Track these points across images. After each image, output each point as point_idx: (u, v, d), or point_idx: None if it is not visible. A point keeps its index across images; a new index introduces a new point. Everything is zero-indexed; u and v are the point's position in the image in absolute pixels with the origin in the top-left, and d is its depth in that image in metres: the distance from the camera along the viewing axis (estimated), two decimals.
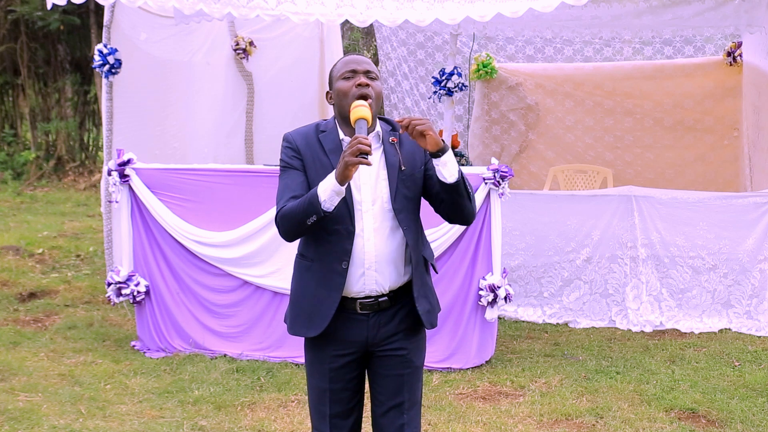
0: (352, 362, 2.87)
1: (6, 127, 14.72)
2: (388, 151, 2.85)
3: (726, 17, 6.81)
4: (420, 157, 2.87)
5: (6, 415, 4.48)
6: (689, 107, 8.41)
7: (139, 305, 5.66)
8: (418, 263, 2.86)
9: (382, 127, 2.88)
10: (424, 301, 2.88)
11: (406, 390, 2.88)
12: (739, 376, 5.17)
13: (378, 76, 2.87)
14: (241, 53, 8.26)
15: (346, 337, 2.84)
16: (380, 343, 2.86)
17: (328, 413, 2.90)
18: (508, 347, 5.82)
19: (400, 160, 2.79)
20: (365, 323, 2.83)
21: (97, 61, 6.23)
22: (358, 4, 5.48)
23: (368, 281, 2.79)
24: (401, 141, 2.85)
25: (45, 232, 9.58)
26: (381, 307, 2.82)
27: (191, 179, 5.60)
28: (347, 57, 2.89)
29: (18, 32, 13.80)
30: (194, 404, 4.69)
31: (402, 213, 2.81)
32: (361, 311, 2.82)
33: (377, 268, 2.79)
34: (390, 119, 2.93)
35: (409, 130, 2.69)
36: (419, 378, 2.94)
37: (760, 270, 6.20)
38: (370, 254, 2.78)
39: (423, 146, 2.73)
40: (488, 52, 8.79)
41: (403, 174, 2.81)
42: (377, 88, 2.83)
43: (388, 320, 2.85)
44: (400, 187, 2.81)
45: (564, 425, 4.43)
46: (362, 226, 2.78)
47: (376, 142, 2.84)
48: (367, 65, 2.84)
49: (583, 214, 6.39)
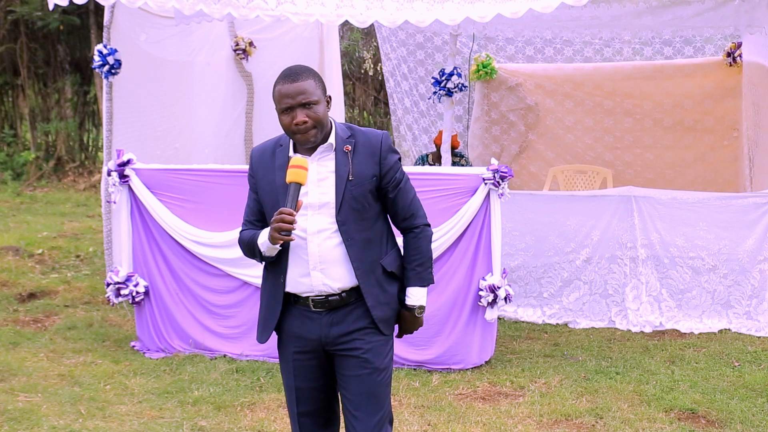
0: (312, 359, 2.91)
1: (6, 127, 14.71)
2: (340, 160, 2.84)
3: (726, 17, 6.81)
4: (371, 170, 2.85)
5: (6, 415, 4.48)
6: (689, 107, 8.42)
7: (139, 306, 5.67)
8: (370, 271, 2.85)
9: (339, 133, 2.87)
10: (385, 308, 2.88)
11: (370, 392, 2.86)
12: (738, 376, 5.17)
13: (317, 96, 2.77)
14: (240, 53, 8.26)
15: (302, 333, 2.90)
16: (335, 341, 2.87)
17: (296, 411, 2.96)
18: (508, 347, 5.82)
19: (350, 171, 2.81)
20: (319, 321, 2.87)
21: (96, 61, 6.23)
22: (358, 5, 5.48)
23: (315, 281, 2.83)
24: (355, 150, 2.85)
25: (45, 232, 9.58)
26: (332, 306, 2.86)
27: (191, 179, 5.60)
28: (280, 87, 2.79)
29: (18, 32, 13.80)
30: (194, 404, 4.69)
31: (345, 225, 2.81)
32: (315, 309, 2.87)
33: (322, 269, 2.82)
34: (351, 126, 2.92)
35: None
36: (382, 381, 2.89)
37: (759, 270, 6.20)
38: (314, 255, 2.82)
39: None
40: (488, 53, 8.79)
41: (351, 184, 2.81)
42: (317, 115, 2.77)
43: (341, 319, 2.86)
44: (346, 197, 2.81)
45: (564, 425, 4.43)
46: (306, 228, 2.81)
47: (328, 150, 2.85)
48: (302, 95, 2.75)
49: (582, 215, 6.39)
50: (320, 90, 2.81)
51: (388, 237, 2.95)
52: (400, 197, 2.91)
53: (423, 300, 2.95)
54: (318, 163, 2.84)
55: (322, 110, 2.80)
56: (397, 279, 2.95)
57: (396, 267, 2.94)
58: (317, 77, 2.83)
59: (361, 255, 2.83)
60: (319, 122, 2.79)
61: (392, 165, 2.88)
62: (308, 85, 2.78)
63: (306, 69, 2.83)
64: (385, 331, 2.89)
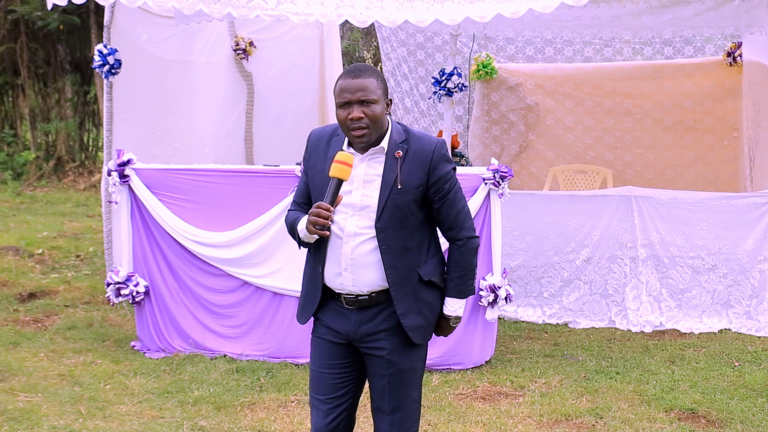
0: (335, 347, 2.93)
1: (6, 127, 14.71)
2: (389, 165, 2.82)
3: (726, 17, 6.82)
4: (418, 179, 2.83)
5: (6, 415, 4.48)
6: (689, 107, 8.41)
7: (139, 305, 5.66)
8: (405, 279, 2.84)
9: (393, 137, 2.84)
10: (416, 316, 2.87)
11: (389, 392, 2.88)
12: (739, 376, 5.17)
13: (376, 96, 2.77)
14: (241, 53, 8.26)
15: (334, 325, 2.93)
16: (362, 339, 2.90)
17: (314, 394, 2.99)
18: (508, 347, 5.82)
19: (397, 177, 2.79)
20: (350, 317, 2.90)
21: (97, 61, 6.23)
22: (358, 5, 5.48)
23: (345, 281, 2.86)
24: (406, 156, 2.82)
25: (45, 232, 9.58)
26: (362, 305, 2.88)
27: (191, 179, 5.60)
28: (342, 81, 2.79)
29: (18, 32, 13.79)
30: (194, 404, 4.69)
31: (384, 231, 2.81)
32: (347, 305, 2.90)
33: (353, 270, 2.83)
34: (408, 129, 2.88)
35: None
36: (408, 382, 2.91)
37: (759, 270, 6.20)
38: (347, 257, 2.83)
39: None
40: (488, 53, 8.79)
41: (396, 191, 2.80)
42: (374, 113, 2.77)
43: (370, 318, 2.88)
44: (389, 204, 2.79)
45: (564, 425, 4.43)
46: (344, 228, 2.82)
47: (379, 154, 2.84)
48: (362, 91, 2.75)
49: (582, 215, 6.39)
50: (381, 90, 2.79)
51: (430, 245, 2.93)
52: (446, 208, 2.88)
53: (460, 311, 2.95)
54: (367, 164, 2.83)
55: (379, 110, 2.78)
56: (437, 287, 2.94)
57: (436, 276, 2.92)
58: (380, 78, 2.82)
59: (397, 263, 2.83)
60: (375, 121, 2.77)
61: (442, 175, 2.84)
62: (369, 83, 2.76)
63: (370, 68, 2.83)
64: (416, 340, 2.88)
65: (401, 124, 2.92)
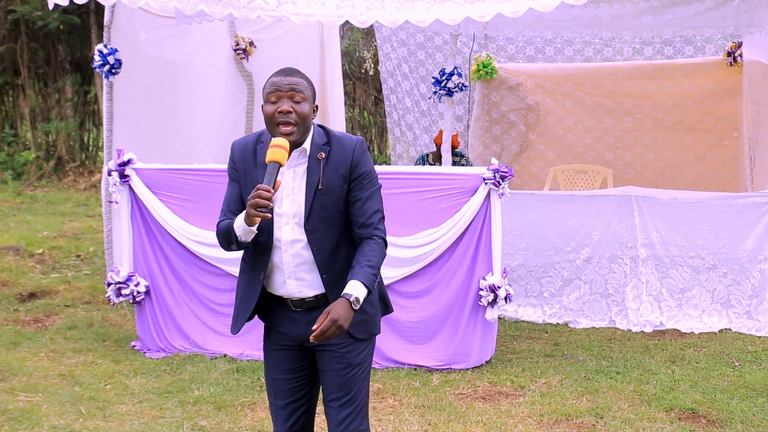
0: (289, 353, 2.98)
1: (6, 127, 14.72)
2: (312, 168, 2.85)
3: (726, 17, 6.82)
4: (341, 177, 2.84)
5: (6, 415, 4.48)
6: (689, 107, 8.41)
7: (139, 305, 5.67)
8: (339, 277, 2.85)
9: (315, 139, 2.87)
10: (356, 313, 2.80)
11: (343, 386, 2.92)
12: (739, 376, 5.17)
13: (306, 95, 2.79)
14: (241, 53, 8.26)
15: (284, 330, 2.98)
16: None
17: (273, 403, 3.03)
18: (508, 347, 5.82)
19: (320, 179, 2.82)
20: (298, 320, 2.94)
21: (97, 61, 6.23)
22: (359, 5, 5.48)
23: (290, 288, 2.90)
24: (328, 158, 2.85)
25: (45, 232, 9.59)
26: (309, 306, 2.92)
27: (191, 179, 5.60)
28: (274, 78, 2.82)
29: (18, 32, 13.80)
30: (194, 404, 4.70)
31: (314, 233, 2.84)
32: (294, 308, 2.94)
33: (297, 276, 2.88)
34: (329, 131, 2.89)
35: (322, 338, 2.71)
36: (360, 376, 2.95)
37: (760, 270, 6.20)
38: (289, 264, 2.87)
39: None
40: (488, 53, 8.79)
41: (321, 192, 2.83)
42: (302, 111, 2.79)
43: (317, 318, 2.84)
44: (315, 206, 2.82)
45: (564, 425, 4.43)
46: (280, 237, 2.86)
47: (302, 157, 2.86)
48: (292, 85, 2.78)
49: (583, 214, 6.40)
50: (310, 93, 2.84)
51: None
52: (364, 203, 2.87)
53: (361, 296, 2.78)
54: (293, 171, 2.86)
55: (308, 109, 2.81)
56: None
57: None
58: (310, 83, 2.87)
59: (330, 262, 2.87)
60: (303, 119, 2.79)
61: (363, 171, 2.88)
62: (300, 82, 2.81)
63: (301, 72, 2.87)
64: (358, 335, 2.91)
65: (322, 127, 2.94)
